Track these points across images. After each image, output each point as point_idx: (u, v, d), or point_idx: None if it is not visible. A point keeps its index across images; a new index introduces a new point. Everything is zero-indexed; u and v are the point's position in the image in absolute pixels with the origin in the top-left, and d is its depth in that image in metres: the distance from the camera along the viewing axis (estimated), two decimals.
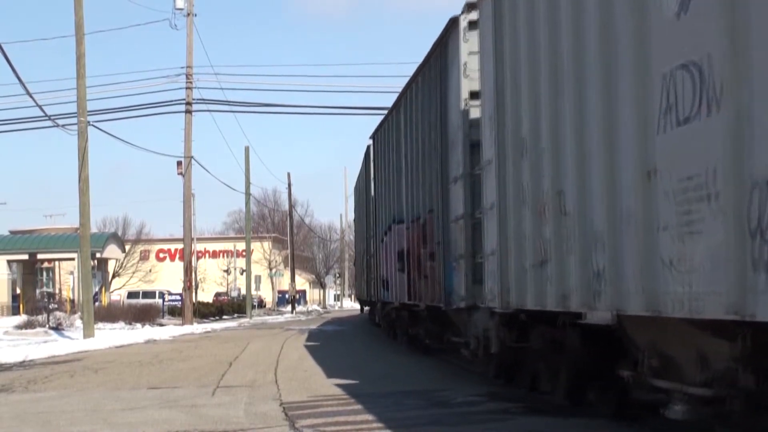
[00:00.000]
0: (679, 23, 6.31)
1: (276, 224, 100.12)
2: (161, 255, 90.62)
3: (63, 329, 33.64)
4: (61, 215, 78.86)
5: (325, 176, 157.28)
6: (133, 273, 70.75)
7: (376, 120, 26.98)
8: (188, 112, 43.31)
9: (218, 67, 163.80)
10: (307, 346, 23.88)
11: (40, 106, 30.28)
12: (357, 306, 59.17)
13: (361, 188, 32.71)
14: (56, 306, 42.57)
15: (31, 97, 28.66)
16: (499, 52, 10.67)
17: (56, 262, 63.87)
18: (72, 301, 48.64)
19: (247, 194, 59.86)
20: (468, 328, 13.27)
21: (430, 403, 11.26)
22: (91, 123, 31.94)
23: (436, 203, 15.08)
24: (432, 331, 17.52)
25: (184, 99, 43.25)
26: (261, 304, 76.48)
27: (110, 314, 40.71)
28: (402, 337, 21.78)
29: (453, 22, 13.90)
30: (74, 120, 31.18)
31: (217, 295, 76.10)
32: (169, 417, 10.68)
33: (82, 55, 30.51)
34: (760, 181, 5.36)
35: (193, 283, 46.82)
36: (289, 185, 76.70)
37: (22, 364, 20.28)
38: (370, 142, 26.36)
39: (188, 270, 44.35)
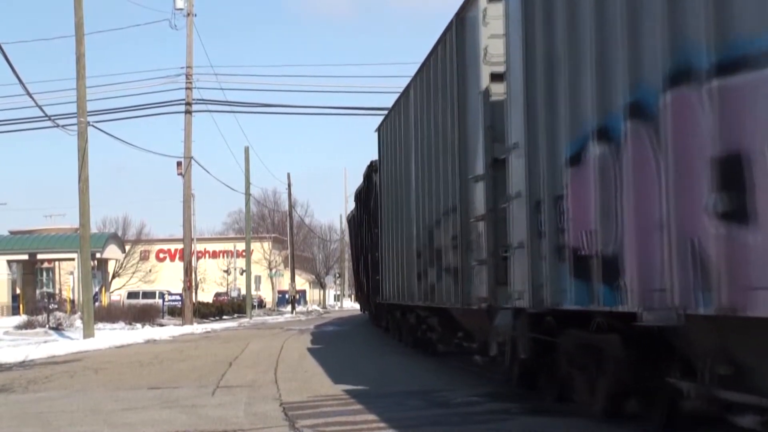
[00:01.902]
0: None
1: (276, 224, 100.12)
2: (161, 255, 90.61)
3: (63, 329, 33.63)
4: (61, 215, 78.99)
5: (325, 176, 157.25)
6: (133, 273, 70.79)
7: (378, 119, 26.30)
8: (188, 112, 43.30)
9: (218, 67, 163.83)
10: (307, 347, 23.86)
11: (40, 107, 30.28)
12: (357, 306, 58.55)
13: (427, 90, 16.47)
14: (56, 306, 42.56)
15: (31, 97, 28.65)
16: None
17: (56, 263, 63.89)
18: (72, 302, 48.61)
19: (247, 194, 59.88)
20: None
21: (430, 404, 11.24)
22: (91, 123, 31.92)
23: None
24: None
25: (183, 99, 43.24)
26: (261, 304, 76.48)
27: (110, 314, 40.69)
28: None
29: None
30: (74, 120, 31.16)
31: (217, 295, 76.09)
32: (169, 417, 10.66)
33: (82, 56, 30.48)
34: None
35: (193, 284, 46.80)
36: (289, 186, 76.81)
37: (22, 364, 20.26)
38: None
39: (188, 270, 44.34)
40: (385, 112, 23.02)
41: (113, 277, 65.37)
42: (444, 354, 17.87)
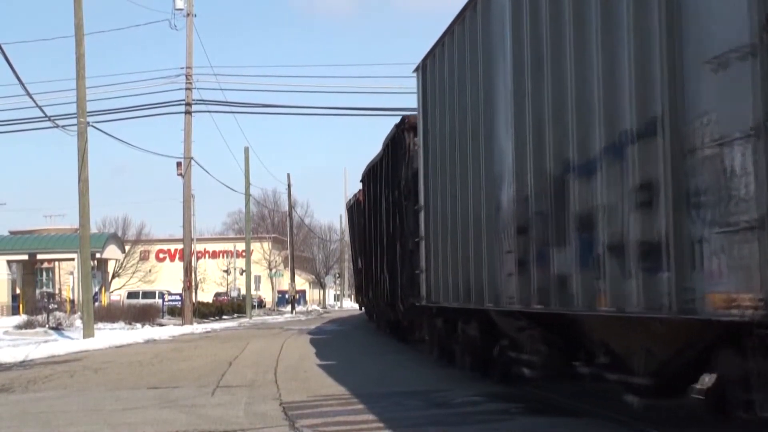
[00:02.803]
0: None
1: (276, 225, 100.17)
2: (161, 255, 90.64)
3: (63, 329, 33.63)
4: (60, 216, 79.06)
5: (325, 176, 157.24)
6: (133, 273, 70.85)
7: (377, 120, 26.00)
8: (188, 112, 43.29)
9: (218, 67, 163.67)
10: (307, 346, 23.87)
11: (39, 107, 30.25)
12: (357, 306, 57.83)
13: None
14: (56, 306, 42.56)
15: (30, 97, 28.63)
16: None
17: (56, 263, 63.91)
18: (72, 302, 48.64)
19: (247, 195, 59.92)
20: None
21: (430, 404, 11.25)
22: (90, 124, 31.91)
23: None
24: None
25: (183, 100, 43.24)
26: (261, 304, 76.49)
27: (110, 314, 40.71)
28: None
29: None
30: (74, 121, 31.15)
31: (217, 295, 76.11)
32: (169, 417, 10.67)
33: (81, 56, 30.48)
34: None
35: (193, 284, 46.81)
36: (289, 186, 76.83)
37: (22, 364, 20.27)
38: None
39: (188, 270, 44.36)
40: (386, 112, 21.63)
41: (113, 277, 65.40)
42: (536, 384, 11.78)
